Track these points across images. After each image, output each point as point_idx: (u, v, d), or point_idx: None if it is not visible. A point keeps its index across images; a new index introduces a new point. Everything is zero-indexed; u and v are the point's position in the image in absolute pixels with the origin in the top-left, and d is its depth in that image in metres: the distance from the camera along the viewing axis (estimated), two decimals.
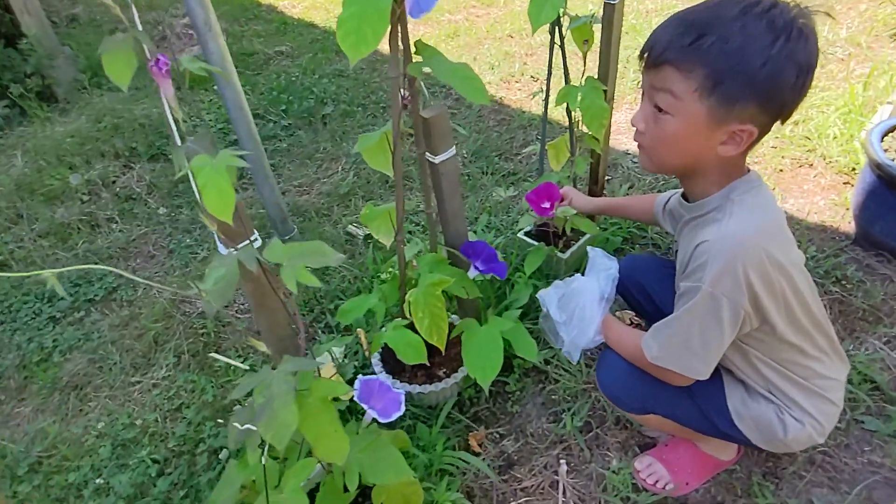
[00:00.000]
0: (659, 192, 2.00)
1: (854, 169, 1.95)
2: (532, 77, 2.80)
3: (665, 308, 1.22)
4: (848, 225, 1.75)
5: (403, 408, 0.95)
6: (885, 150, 1.59)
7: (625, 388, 1.08)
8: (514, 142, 2.37)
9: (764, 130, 0.84)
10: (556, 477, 1.24)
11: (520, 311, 1.46)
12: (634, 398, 1.08)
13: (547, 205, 1.42)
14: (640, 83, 0.98)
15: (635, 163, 2.18)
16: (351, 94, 2.77)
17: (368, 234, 1.91)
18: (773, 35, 0.76)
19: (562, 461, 1.26)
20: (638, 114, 0.91)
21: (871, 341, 1.45)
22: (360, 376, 0.95)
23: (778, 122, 0.84)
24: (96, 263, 1.96)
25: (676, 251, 1.02)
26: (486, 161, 2.25)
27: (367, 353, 1.43)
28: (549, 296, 1.12)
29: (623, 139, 2.29)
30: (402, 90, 1.00)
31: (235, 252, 0.77)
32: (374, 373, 1.42)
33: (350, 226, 1.96)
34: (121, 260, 2.02)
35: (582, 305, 1.08)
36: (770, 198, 0.91)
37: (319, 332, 1.61)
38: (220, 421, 1.38)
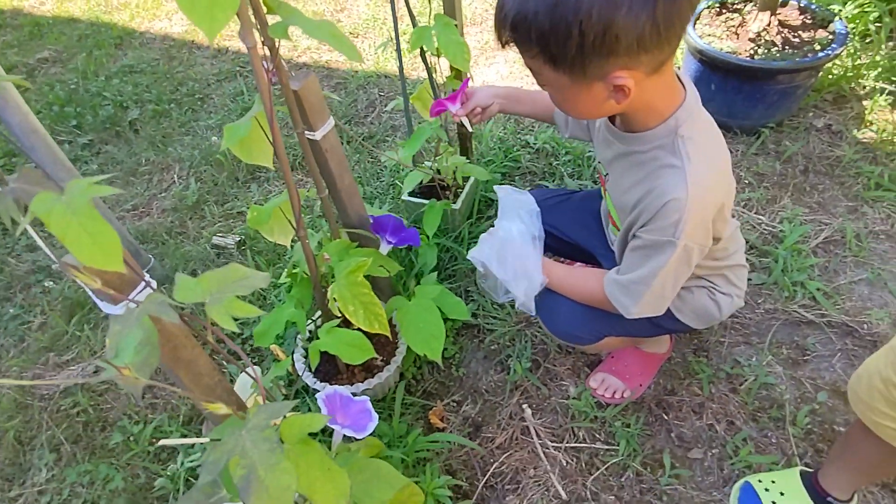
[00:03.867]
0: (517, 121, 2.04)
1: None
2: (351, 34, 2.64)
3: (576, 238, 1.24)
4: None
5: (376, 415, 0.85)
6: (700, 37, 1.76)
7: (582, 326, 1.08)
8: (357, 104, 2.23)
9: (653, 66, 0.73)
10: (524, 423, 1.23)
11: (434, 273, 1.39)
12: (592, 331, 1.09)
13: (458, 105, 1.21)
14: None
15: None
16: (155, 91, 2.38)
17: (240, 241, 1.68)
18: None
19: (524, 406, 1.26)
20: (537, 81, 0.85)
21: (734, 208, 1.63)
22: (319, 394, 0.83)
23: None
24: None
25: (605, 176, 0.99)
26: (337, 130, 2.09)
27: (290, 370, 1.27)
28: (483, 254, 1.05)
29: (477, 70, 2.26)
30: (265, 62, 0.83)
31: (136, 305, 0.58)
32: (306, 388, 1.28)
33: (215, 237, 1.71)
34: None
35: (519, 255, 1.04)
36: (712, 123, 0.87)
37: (223, 363, 1.40)
38: None
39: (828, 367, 1.27)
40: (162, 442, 0.56)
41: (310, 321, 1.25)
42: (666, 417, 1.22)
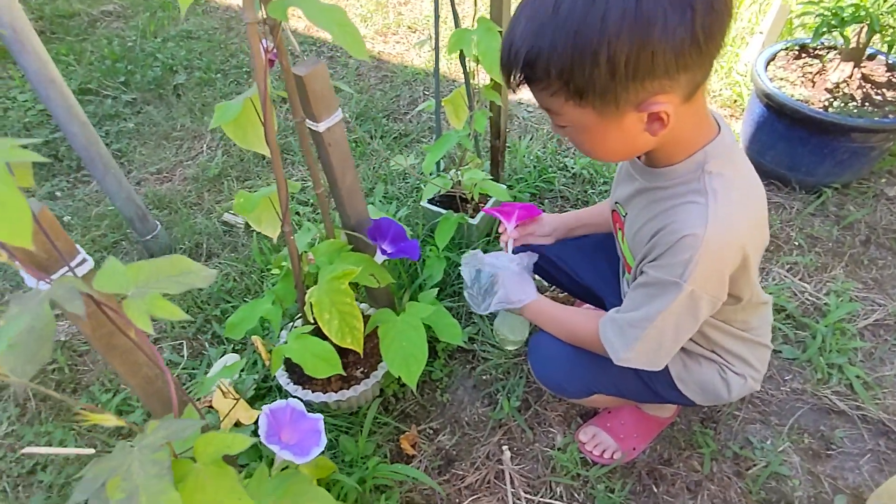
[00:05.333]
0: (559, 140, 1.93)
1: (737, 101, 1.99)
2: (409, 28, 2.59)
3: (587, 280, 1.14)
4: None
5: (325, 438, 0.78)
6: (771, 79, 1.61)
7: (568, 377, 0.98)
8: (400, 100, 2.17)
9: (690, 89, 0.65)
10: (500, 466, 1.13)
11: (436, 289, 1.31)
12: (579, 385, 0.98)
13: (512, 226, 1.09)
14: None
15: (530, 112, 2.08)
16: (206, 59, 2.39)
17: None
18: (600, 11, 0.58)
19: (504, 448, 1.16)
20: (551, 122, 0.75)
21: (776, 270, 1.48)
22: (264, 408, 0.76)
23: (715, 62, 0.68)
24: None
25: (623, 216, 0.89)
26: (374, 123, 2.04)
27: (267, 364, 1.21)
28: (468, 262, 1.02)
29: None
30: (263, 41, 0.77)
31: (47, 285, 0.53)
32: (279, 386, 1.22)
33: (226, 213, 1.68)
34: None
35: (509, 272, 0.99)
36: (747, 164, 0.77)
37: (206, 344, 1.36)
38: None
39: (853, 468, 1.12)
40: (26, 450, 0.50)
41: (292, 321, 1.18)
42: (655, 490, 1.10)
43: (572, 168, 1.79)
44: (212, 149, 1.96)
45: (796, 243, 1.54)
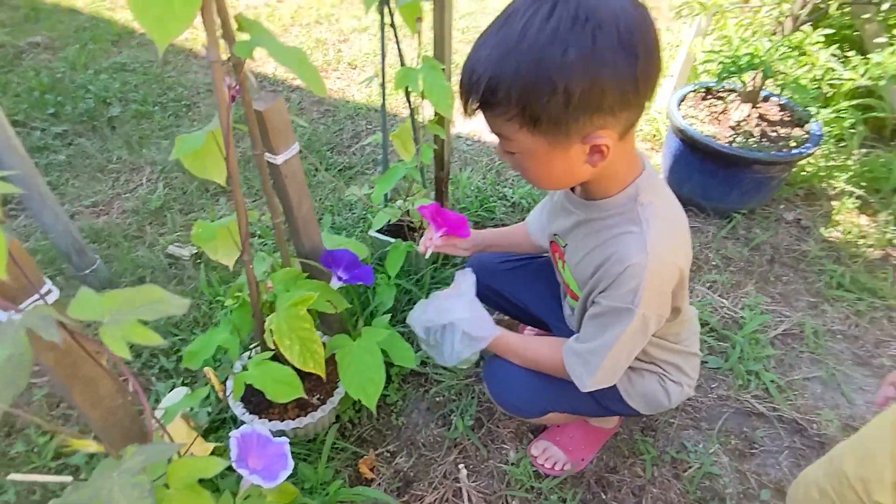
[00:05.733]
0: (498, 171, 2.04)
1: (655, 136, 2.18)
2: (349, 65, 2.66)
3: (529, 305, 1.22)
4: None
5: (291, 461, 0.79)
6: (684, 117, 1.79)
7: (525, 399, 1.04)
8: (343, 133, 2.22)
9: (625, 127, 0.74)
10: (458, 484, 1.17)
11: (388, 314, 1.35)
12: (536, 405, 1.05)
13: (442, 230, 1.13)
14: None
15: (469, 145, 2.19)
16: (142, 91, 2.35)
17: (197, 253, 1.63)
18: (561, 47, 0.64)
19: (460, 466, 1.20)
20: (498, 149, 0.81)
21: (698, 288, 1.62)
22: (233, 433, 0.77)
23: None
24: None
25: (563, 247, 0.96)
26: (318, 156, 2.08)
27: (220, 395, 1.20)
28: (417, 320, 1.01)
29: (456, 119, 2.28)
30: (227, 78, 0.81)
31: (18, 315, 0.53)
32: (234, 417, 1.21)
33: (171, 246, 1.65)
34: None
35: (463, 312, 0.99)
36: (671, 194, 0.87)
37: (153, 379, 1.32)
38: None
39: (774, 464, 1.24)
40: (11, 477, 0.50)
41: (249, 349, 1.19)
42: (604, 497, 1.17)
43: (511, 197, 1.89)
44: (152, 181, 1.92)
45: (714, 263, 1.69)
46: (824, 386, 1.38)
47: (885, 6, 1.53)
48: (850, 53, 1.48)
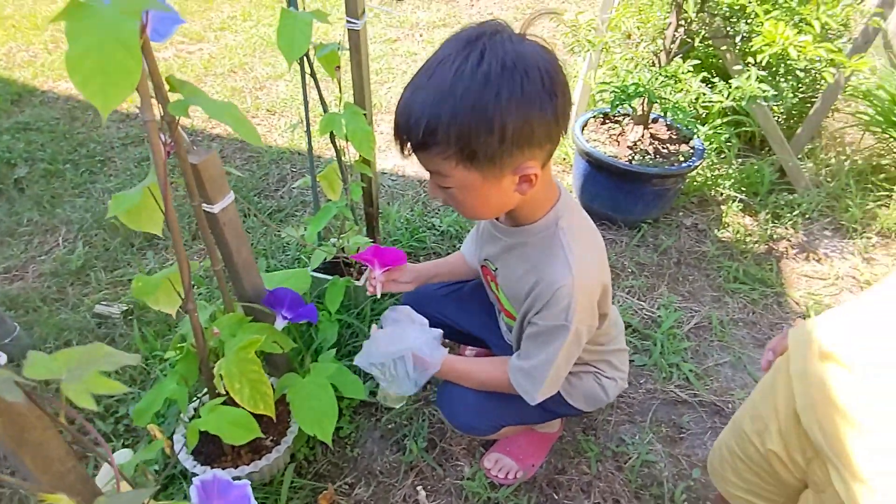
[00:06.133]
0: (424, 203, 2.13)
1: (565, 158, 2.36)
2: (268, 111, 2.69)
3: (467, 326, 1.30)
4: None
5: (255, 503, 0.81)
6: (587, 141, 1.97)
7: (479, 417, 1.11)
8: (269, 178, 2.24)
9: (547, 157, 0.83)
10: None
11: (333, 349, 1.38)
12: (489, 422, 1.13)
13: (380, 272, 1.18)
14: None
15: (394, 180, 2.27)
16: (50, 150, 2.27)
17: (127, 311, 1.58)
18: (494, 90, 0.72)
19: (418, 488, 1.23)
20: (430, 186, 0.87)
21: (619, 294, 1.77)
22: (195, 480, 0.78)
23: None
24: None
25: (494, 270, 1.04)
26: (246, 201, 2.08)
27: (167, 451, 1.18)
28: (367, 358, 1.04)
29: (379, 157, 2.36)
30: (162, 136, 0.84)
31: None
32: (184, 472, 1.18)
33: (98, 305, 1.59)
34: None
35: (403, 344, 1.03)
36: (585, 214, 0.97)
37: (91, 444, 1.26)
38: None
39: (700, 445, 1.37)
40: None
41: (196, 398, 1.18)
42: (556, 497, 1.24)
43: (440, 227, 1.98)
44: (68, 241, 1.85)
45: (629, 270, 1.86)
46: (733, 369, 1.55)
47: (737, 39, 1.79)
48: (716, 79, 1.71)
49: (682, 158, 1.91)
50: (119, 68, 0.60)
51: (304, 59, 1.35)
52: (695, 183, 2.18)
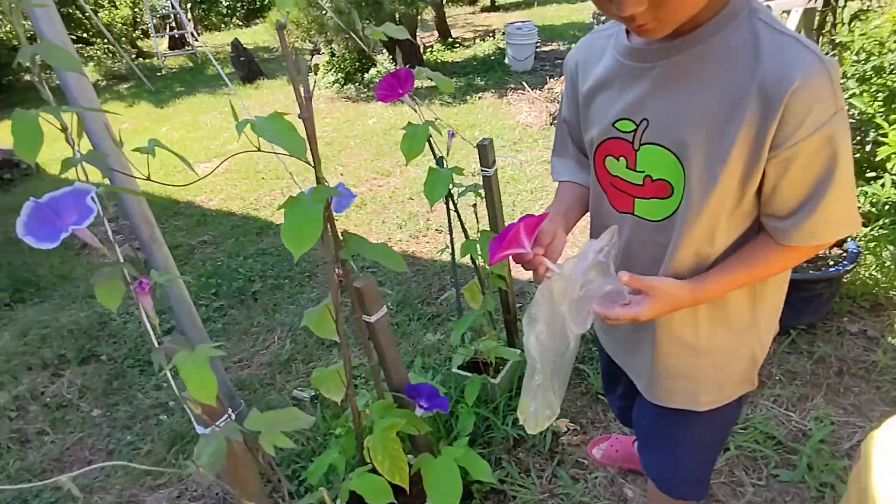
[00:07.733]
0: None
1: None
2: (437, 230, 3.17)
3: None
4: None
5: None
6: None
7: (707, 460, 1.11)
8: (431, 288, 2.64)
9: None
10: None
11: (468, 437, 1.60)
12: (706, 471, 1.12)
13: (528, 246, 0.83)
14: None
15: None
16: (276, 269, 2.98)
17: (315, 396, 2.01)
18: None
19: None
20: (626, 4, 0.65)
21: (761, 402, 1.71)
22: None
23: None
24: (30, 481, 1.88)
25: (633, 129, 0.80)
26: (411, 308, 2.48)
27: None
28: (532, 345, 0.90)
29: (522, 269, 2.62)
30: (336, 270, 1.22)
31: (218, 429, 0.90)
32: None
33: (295, 390, 2.06)
34: (55, 472, 1.95)
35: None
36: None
37: (279, 501, 1.63)
38: None
39: None
40: None
41: (351, 469, 1.48)
42: None
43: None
44: (281, 339, 2.41)
45: (777, 378, 1.78)
46: None
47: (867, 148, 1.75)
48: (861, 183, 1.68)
49: (830, 263, 1.83)
50: (307, 231, 0.98)
51: (449, 198, 1.73)
52: (863, 285, 2.02)
